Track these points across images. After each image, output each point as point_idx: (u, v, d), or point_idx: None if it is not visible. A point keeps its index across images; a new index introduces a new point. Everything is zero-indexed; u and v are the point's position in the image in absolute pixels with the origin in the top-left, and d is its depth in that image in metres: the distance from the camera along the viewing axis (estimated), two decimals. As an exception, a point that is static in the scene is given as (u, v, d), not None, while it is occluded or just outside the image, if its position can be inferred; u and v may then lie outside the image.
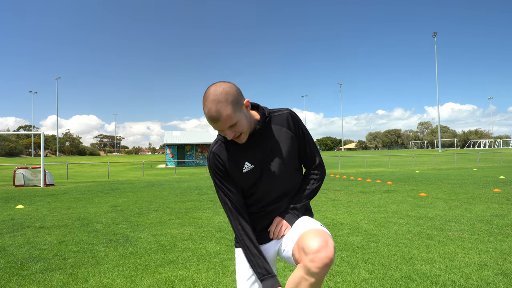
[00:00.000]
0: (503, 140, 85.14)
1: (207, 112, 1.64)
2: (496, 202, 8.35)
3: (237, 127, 1.67)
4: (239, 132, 1.69)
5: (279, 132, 1.83)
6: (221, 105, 1.61)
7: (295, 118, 1.86)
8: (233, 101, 1.65)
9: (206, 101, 1.64)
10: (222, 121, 1.63)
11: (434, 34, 67.44)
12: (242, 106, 1.70)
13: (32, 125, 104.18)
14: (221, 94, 1.61)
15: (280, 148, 1.82)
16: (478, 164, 31.14)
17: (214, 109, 1.61)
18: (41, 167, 17.68)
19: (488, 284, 3.41)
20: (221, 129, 1.67)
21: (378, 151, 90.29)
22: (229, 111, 1.63)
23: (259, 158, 1.81)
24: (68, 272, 4.09)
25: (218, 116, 1.62)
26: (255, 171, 1.82)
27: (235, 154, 1.82)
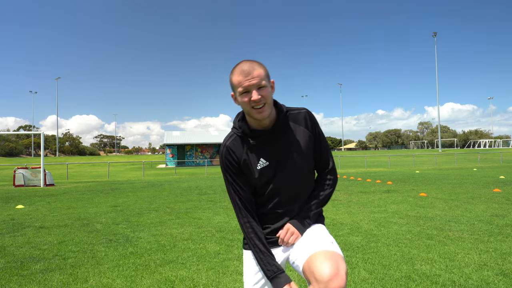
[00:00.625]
0: (503, 140, 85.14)
1: (240, 65, 1.67)
2: (496, 202, 8.35)
3: (264, 91, 1.66)
4: (264, 100, 1.66)
5: (297, 130, 1.79)
6: (256, 64, 1.68)
7: (312, 118, 1.83)
8: (266, 70, 1.71)
9: (239, 63, 1.69)
10: (254, 74, 1.64)
11: (434, 34, 67.46)
12: (270, 81, 1.73)
13: (32, 125, 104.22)
14: (255, 61, 1.70)
15: (297, 146, 1.78)
16: (478, 164, 31.14)
17: (249, 64, 1.67)
18: (41, 167, 17.68)
19: (488, 284, 3.41)
20: (250, 84, 1.64)
21: (378, 151, 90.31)
22: (262, 72, 1.67)
23: (275, 155, 1.78)
24: (68, 272, 4.09)
25: (251, 69, 1.64)
26: (270, 168, 1.78)
27: (250, 149, 1.78)
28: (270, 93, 1.70)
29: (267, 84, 1.68)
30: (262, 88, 1.66)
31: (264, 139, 1.76)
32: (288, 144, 1.77)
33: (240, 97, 1.68)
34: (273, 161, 1.78)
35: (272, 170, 1.78)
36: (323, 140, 1.87)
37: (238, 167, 1.80)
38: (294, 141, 1.78)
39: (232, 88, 1.73)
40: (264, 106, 1.67)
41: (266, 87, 1.67)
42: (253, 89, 1.64)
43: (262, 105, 1.66)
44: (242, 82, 1.64)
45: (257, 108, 1.66)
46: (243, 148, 1.79)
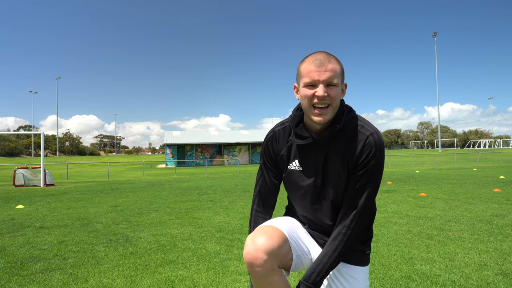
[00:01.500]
0: (503, 140, 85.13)
1: (315, 54, 1.45)
2: (496, 202, 8.35)
3: (332, 91, 1.43)
4: (329, 101, 1.43)
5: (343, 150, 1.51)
6: (333, 58, 1.47)
7: (369, 145, 1.47)
8: (342, 68, 1.49)
9: (315, 52, 1.47)
10: (328, 68, 1.42)
11: (434, 34, 67.46)
12: (343, 82, 1.51)
13: (32, 125, 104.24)
14: (334, 56, 1.50)
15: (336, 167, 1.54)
16: (478, 164, 31.13)
17: (326, 55, 1.45)
18: (41, 167, 17.68)
19: (488, 284, 3.41)
20: (319, 78, 1.41)
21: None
22: (338, 68, 1.46)
23: (311, 165, 1.57)
24: (68, 272, 4.09)
25: (326, 61, 1.42)
26: (300, 175, 1.61)
27: (293, 146, 1.61)
28: (339, 95, 1.47)
29: (339, 84, 1.46)
30: (332, 87, 1.43)
31: (309, 145, 1.56)
32: (327, 160, 1.54)
33: (304, 89, 1.45)
34: (307, 170, 1.59)
35: (301, 178, 1.61)
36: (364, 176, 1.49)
37: (274, 159, 1.67)
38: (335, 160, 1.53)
39: (298, 78, 1.50)
40: (327, 108, 1.44)
41: (337, 87, 1.44)
42: (321, 84, 1.42)
43: (325, 105, 1.43)
44: (312, 72, 1.42)
45: (318, 108, 1.44)
46: (287, 141, 1.63)
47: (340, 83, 1.46)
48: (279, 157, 1.65)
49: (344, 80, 1.52)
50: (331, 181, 1.56)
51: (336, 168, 1.54)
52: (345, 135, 1.51)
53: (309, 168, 1.59)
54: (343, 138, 1.51)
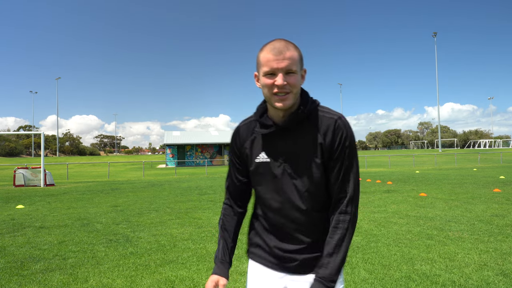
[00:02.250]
0: (503, 140, 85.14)
1: (273, 42, 1.45)
2: (496, 202, 8.35)
3: (292, 78, 1.43)
4: (289, 88, 1.43)
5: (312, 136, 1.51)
6: (291, 45, 1.46)
7: (339, 129, 1.49)
8: (300, 55, 1.49)
9: (273, 40, 1.47)
10: (286, 55, 1.41)
11: (434, 34, 67.46)
12: (302, 69, 1.51)
13: (32, 125, 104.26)
14: (292, 43, 1.48)
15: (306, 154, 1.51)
16: (478, 164, 31.13)
17: (284, 42, 1.45)
18: (41, 167, 17.69)
19: (488, 284, 3.41)
20: (278, 67, 1.41)
21: (378, 151, 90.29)
22: (296, 55, 1.45)
23: (279, 154, 1.54)
24: (68, 272, 4.09)
25: (284, 49, 1.42)
26: (268, 166, 1.56)
27: (257, 138, 1.59)
28: (299, 81, 1.47)
29: (298, 71, 1.45)
30: (291, 74, 1.43)
31: (273, 134, 1.54)
32: (296, 147, 1.52)
33: (263, 79, 1.46)
34: (275, 160, 1.55)
35: (270, 169, 1.56)
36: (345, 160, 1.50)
37: (238, 153, 1.64)
38: (304, 147, 1.51)
39: (257, 66, 1.50)
40: (288, 95, 1.44)
41: (296, 74, 1.44)
42: (280, 73, 1.42)
43: (285, 93, 1.44)
44: (270, 61, 1.42)
45: (279, 95, 1.44)
46: (251, 134, 1.60)
47: (299, 70, 1.47)
48: (243, 152, 1.62)
49: (303, 66, 1.53)
50: (303, 169, 1.52)
51: (308, 155, 1.51)
52: (312, 121, 1.52)
53: (277, 157, 1.54)
54: (310, 125, 1.52)
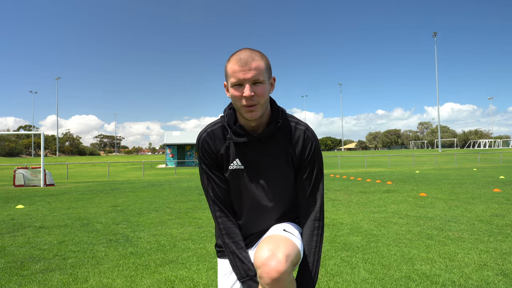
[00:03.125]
0: (503, 140, 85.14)
1: (239, 53, 1.44)
2: (496, 202, 8.35)
3: (259, 89, 1.44)
4: (256, 100, 1.45)
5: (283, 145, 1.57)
6: (257, 54, 1.46)
7: (308, 139, 1.57)
8: (268, 63, 1.49)
9: (239, 50, 1.46)
10: (252, 66, 1.42)
11: (434, 34, 67.47)
12: (270, 77, 1.53)
13: (32, 125, 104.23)
14: (258, 51, 1.48)
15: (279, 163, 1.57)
16: (478, 164, 31.13)
17: (249, 53, 1.44)
18: (41, 167, 17.68)
19: (488, 284, 3.41)
20: (244, 78, 1.42)
21: (378, 151, 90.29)
22: (262, 64, 1.45)
23: (251, 161, 1.57)
24: (68, 272, 4.09)
25: (249, 59, 1.42)
26: (241, 173, 1.58)
27: (230, 145, 1.59)
28: (267, 91, 1.48)
29: (265, 80, 1.46)
30: (258, 84, 1.44)
31: (247, 142, 1.56)
32: (269, 156, 1.57)
33: (232, 90, 1.47)
34: (248, 167, 1.58)
35: (244, 176, 1.58)
36: (315, 169, 1.58)
37: (215, 158, 1.61)
38: (276, 156, 1.56)
39: (225, 77, 1.52)
40: (256, 106, 1.46)
41: (263, 84, 1.45)
42: (247, 84, 1.43)
43: (254, 104, 1.45)
44: (236, 72, 1.43)
45: (247, 106, 1.45)
46: (224, 140, 1.59)
47: (266, 80, 1.48)
48: (219, 156, 1.61)
49: (271, 74, 1.54)
50: (276, 178, 1.58)
51: (280, 164, 1.57)
52: (282, 132, 1.57)
53: (251, 165, 1.58)
54: (281, 135, 1.57)
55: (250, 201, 1.61)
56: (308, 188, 1.59)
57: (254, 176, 1.59)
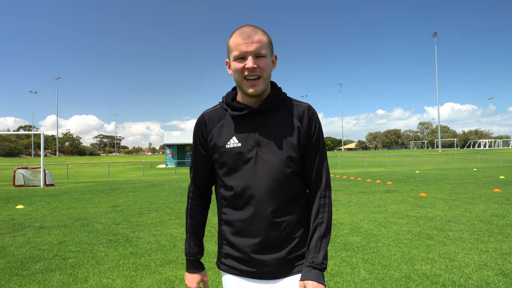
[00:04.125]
0: (503, 140, 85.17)
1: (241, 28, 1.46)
2: (496, 202, 8.35)
3: (262, 62, 1.43)
4: (259, 72, 1.43)
5: (288, 120, 1.51)
6: (260, 30, 1.47)
7: (313, 115, 1.54)
8: (270, 39, 1.50)
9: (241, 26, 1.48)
10: (255, 39, 1.42)
11: (434, 34, 67.47)
12: (272, 54, 1.52)
13: (32, 125, 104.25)
14: (260, 28, 1.49)
15: (281, 137, 1.49)
16: (478, 164, 31.13)
17: (252, 27, 1.45)
18: (41, 167, 17.68)
19: (488, 284, 3.41)
20: (247, 50, 1.41)
21: (378, 151, 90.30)
22: (265, 39, 1.46)
23: (252, 138, 1.49)
24: (68, 272, 4.09)
25: (252, 33, 1.43)
26: (240, 151, 1.49)
27: (226, 123, 1.53)
28: (269, 66, 1.46)
29: (268, 55, 1.45)
30: (261, 58, 1.43)
31: (244, 116, 1.50)
32: (271, 130, 1.49)
33: (234, 63, 1.44)
34: (248, 144, 1.49)
35: (242, 154, 1.49)
36: (319, 145, 1.55)
37: (204, 143, 1.57)
38: (280, 130, 1.50)
39: (228, 52, 1.50)
40: (259, 80, 1.43)
41: (266, 58, 1.44)
42: (250, 56, 1.41)
43: (256, 77, 1.43)
44: (239, 45, 1.41)
45: (249, 79, 1.43)
46: (219, 121, 1.54)
47: (269, 55, 1.46)
48: (209, 139, 1.54)
49: (273, 52, 1.53)
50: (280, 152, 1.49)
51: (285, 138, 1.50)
52: (286, 107, 1.53)
53: (250, 142, 1.49)
54: (284, 110, 1.53)
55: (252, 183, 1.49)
56: (314, 166, 1.54)
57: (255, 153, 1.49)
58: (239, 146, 1.49)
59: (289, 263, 1.50)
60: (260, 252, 1.49)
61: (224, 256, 1.59)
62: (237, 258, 1.53)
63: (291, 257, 1.50)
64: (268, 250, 1.49)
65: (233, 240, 1.54)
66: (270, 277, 1.50)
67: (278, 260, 1.49)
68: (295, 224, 1.52)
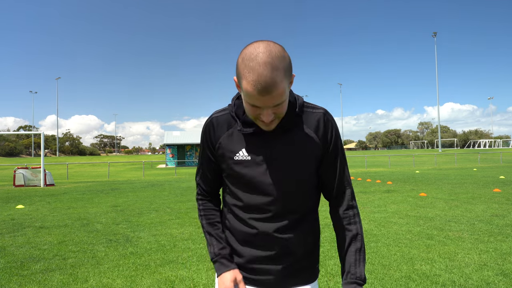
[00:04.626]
0: (503, 140, 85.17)
1: (258, 78, 1.15)
2: (496, 202, 8.35)
3: (280, 109, 1.25)
4: (277, 116, 1.28)
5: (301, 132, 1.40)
6: (279, 73, 1.16)
7: (328, 122, 1.42)
8: (287, 71, 1.21)
9: (255, 62, 1.16)
10: (274, 95, 1.18)
11: (434, 34, 67.46)
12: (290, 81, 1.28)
13: (32, 125, 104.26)
14: (278, 58, 1.16)
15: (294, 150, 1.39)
16: (478, 164, 31.13)
17: (270, 76, 1.15)
18: (41, 167, 17.68)
19: (488, 284, 3.41)
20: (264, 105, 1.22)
21: (378, 151, 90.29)
22: (284, 84, 1.20)
23: (262, 151, 1.39)
24: (68, 272, 4.09)
25: (271, 86, 1.16)
26: (248, 165, 1.39)
27: (235, 133, 1.42)
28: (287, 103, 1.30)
29: (286, 96, 1.25)
30: (278, 106, 1.25)
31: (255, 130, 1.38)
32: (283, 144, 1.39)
33: (246, 104, 1.27)
34: (257, 158, 1.39)
35: (251, 168, 1.40)
36: (337, 152, 1.45)
37: (211, 148, 1.46)
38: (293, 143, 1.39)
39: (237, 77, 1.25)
40: (274, 121, 1.31)
41: (284, 102, 1.25)
42: (267, 109, 1.25)
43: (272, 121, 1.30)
44: (254, 98, 1.20)
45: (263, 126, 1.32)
46: (228, 129, 1.43)
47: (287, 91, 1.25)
48: (217, 147, 1.45)
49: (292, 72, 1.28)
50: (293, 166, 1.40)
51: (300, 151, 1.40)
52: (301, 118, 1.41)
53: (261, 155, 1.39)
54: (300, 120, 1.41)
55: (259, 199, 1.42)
56: (336, 175, 1.45)
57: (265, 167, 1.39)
58: (248, 159, 1.40)
59: (294, 273, 1.45)
60: (265, 263, 1.44)
61: None
62: (238, 264, 1.48)
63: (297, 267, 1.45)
64: (272, 261, 1.44)
65: (235, 246, 1.49)
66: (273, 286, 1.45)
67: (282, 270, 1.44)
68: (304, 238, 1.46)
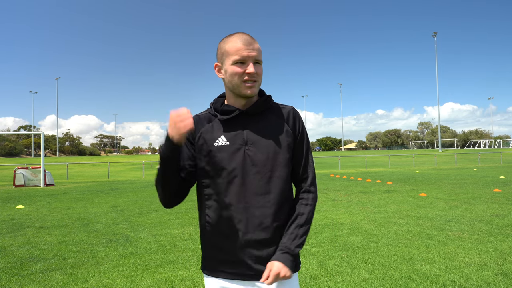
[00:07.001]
0: (503, 140, 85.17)
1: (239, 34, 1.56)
2: (496, 202, 8.35)
3: (259, 68, 1.55)
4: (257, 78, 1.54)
5: (275, 121, 1.59)
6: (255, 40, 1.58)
7: (297, 115, 1.64)
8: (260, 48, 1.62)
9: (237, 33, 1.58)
10: (255, 47, 1.53)
11: (434, 34, 67.49)
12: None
13: (32, 125, 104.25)
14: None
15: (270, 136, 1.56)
16: (478, 164, 31.13)
17: (250, 36, 1.58)
18: (41, 167, 17.69)
19: (488, 284, 3.41)
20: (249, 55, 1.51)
21: (378, 151, 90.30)
22: (260, 48, 1.58)
23: (240, 137, 1.55)
24: (68, 272, 4.09)
25: (252, 41, 1.55)
26: (228, 149, 1.53)
27: (214, 125, 1.59)
28: (262, 70, 1.59)
29: (262, 62, 1.58)
30: (258, 65, 1.55)
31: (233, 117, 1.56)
32: (259, 130, 1.56)
33: (232, 67, 1.51)
34: (236, 143, 1.54)
35: (230, 153, 1.53)
36: (305, 144, 1.64)
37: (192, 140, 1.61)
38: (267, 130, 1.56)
39: (222, 56, 1.56)
40: (255, 83, 1.54)
41: (261, 65, 1.57)
42: (251, 62, 1.51)
43: (253, 81, 1.53)
44: (241, 51, 1.50)
45: (248, 83, 1.52)
46: (208, 123, 1.61)
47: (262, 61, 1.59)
48: (198, 138, 1.59)
49: None
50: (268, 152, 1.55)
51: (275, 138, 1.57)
52: (272, 111, 1.63)
53: (238, 140, 1.55)
54: (271, 113, 1.62)
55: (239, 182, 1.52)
56: (301, 163, 1.63)
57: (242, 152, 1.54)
58: (227, 144, 1.55)
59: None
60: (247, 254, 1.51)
61: (207, 259, 1.58)
62: (221, 260, 1.54)
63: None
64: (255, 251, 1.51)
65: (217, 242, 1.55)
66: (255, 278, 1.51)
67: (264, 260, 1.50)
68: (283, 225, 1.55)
